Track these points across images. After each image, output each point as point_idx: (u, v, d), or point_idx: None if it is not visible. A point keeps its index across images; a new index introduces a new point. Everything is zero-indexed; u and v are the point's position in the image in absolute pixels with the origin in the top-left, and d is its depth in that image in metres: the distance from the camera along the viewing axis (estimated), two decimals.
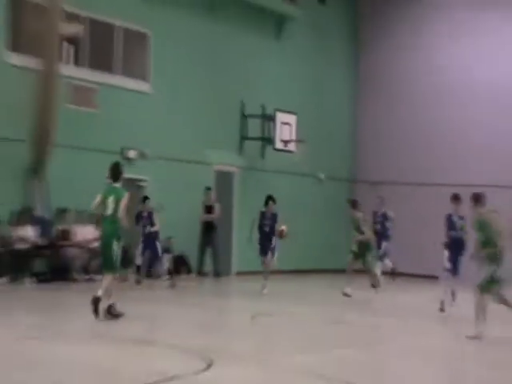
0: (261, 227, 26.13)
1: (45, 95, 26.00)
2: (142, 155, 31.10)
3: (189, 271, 32.03)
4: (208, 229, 31.96)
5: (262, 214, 26.35)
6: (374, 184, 38.82)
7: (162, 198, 30.76)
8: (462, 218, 21.64)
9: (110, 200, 17.65)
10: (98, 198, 18.34)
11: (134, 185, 30.39)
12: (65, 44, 28.21)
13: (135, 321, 18.84)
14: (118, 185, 18.40)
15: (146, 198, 27.58)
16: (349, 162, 41.06)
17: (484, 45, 38.06)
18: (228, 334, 18.10)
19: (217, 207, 31.95)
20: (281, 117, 35.71)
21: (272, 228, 26.02)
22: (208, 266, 32.36)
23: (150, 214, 27.28)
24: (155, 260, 28.00)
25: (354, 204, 26.09)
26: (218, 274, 32.24)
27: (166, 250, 31.46)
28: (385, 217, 26.00)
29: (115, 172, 18.60)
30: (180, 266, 31.94)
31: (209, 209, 31.78)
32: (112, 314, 17.52)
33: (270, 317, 20.34)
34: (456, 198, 21.62)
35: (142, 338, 16.35)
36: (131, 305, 20.65)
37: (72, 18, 28.17)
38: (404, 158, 39.08)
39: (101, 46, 30.75)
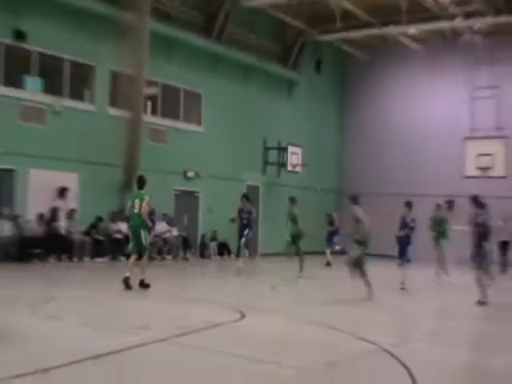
0: (240, 218, 24.05)
1: (132, 135, 26.25)
2: (197, 175, 31.37)
3: (229, 253, 32.28)
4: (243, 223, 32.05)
5: (240, 210, 24.40)
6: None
7: (210, 204, 31.38)
8: (413, 219, 19.89)
9: (137, 202, 17.12)
10: (129, 202, 17.90)
11: (192, 195, 31.01)
12: (146, 101, 28.52)
13: (192, 287, 19.09)
14: (142, 191, 17.46)
15: (245, 197, 25.10)
16: (337, 179, 41.14)
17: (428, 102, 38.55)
18: (255, 297, 17.99)
19: (253, 210, 32.11)
20: (291, 148, 36.26)
21: (248, 220, 24.11)
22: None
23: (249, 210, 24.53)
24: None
25: (293, 201, 23.58)
26: (249, 254, 32.34)
27: (213, 239, 31.85)
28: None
29: (140, 182, 17.76)
30: (223, 249, 32.34)
31: (244, 212, 31.86)
32: (144, 285, 16.98)
33: (285, 286, 20.31)
34: (408, 204, 20.13)
35: (196, 298, 16.39)
36: (187, 277, 20.88)
37: (150, 83, 28.46)
38: (375, 176, 39.23)
39: (170, 102, 31.08)
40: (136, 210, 17.14)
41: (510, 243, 28.56)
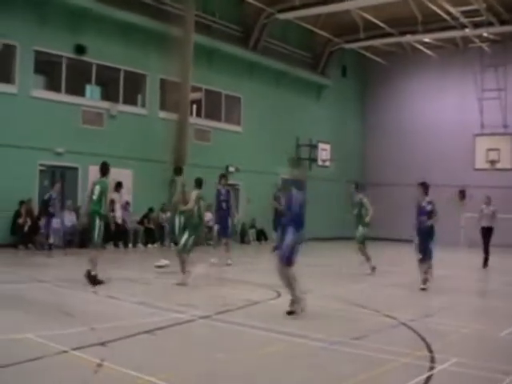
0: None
1: (180, 135, 26.33)
2: (238, 169, 31.43)
3: (266, 239, 32.29)
4: (277, 212, 32.11)
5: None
6: (374, 185, 38.98)
7: (249, 195, 31.39)
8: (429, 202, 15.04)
9: (97, 188, 14.30)
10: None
11: (233, 188, 30.95)
12: (191, 104, 28.58)
13: (232, 269, 19.08)
14: (104, 178, 14.81)
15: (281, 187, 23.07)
16: (360, 171, 40.98)
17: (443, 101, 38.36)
18: None
19: (282, 198, 32.15)
20: (321, 145, 36.15)
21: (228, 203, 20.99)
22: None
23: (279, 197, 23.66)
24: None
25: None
26: None
27: (251, 226, 31.90)
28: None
29: (103, 169, 14.97)
30: (260, 235, 32.36)
31: (278, 199, 31.95)
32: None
33: (314, 267, 20.18)
34: (423, 186, 15.30)
35: (237, 279, 16.50)
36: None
37: (195, 89, 28.51)
38: (394, 168, 39.19)
39: (212, 105, 31.18)
40: (94, 197, 14.67)
41: (493, 230, 22.09)
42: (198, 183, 16.34)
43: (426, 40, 35.85)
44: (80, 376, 6.88)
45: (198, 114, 30.57)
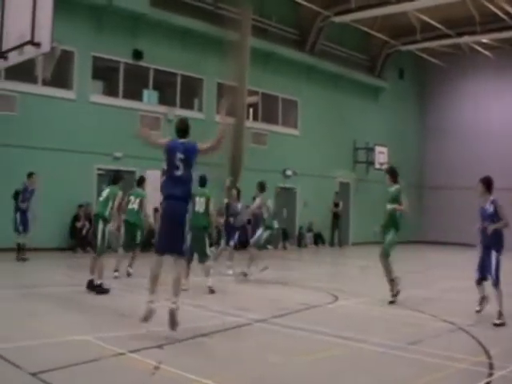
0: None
1: (236, 139, 26.38)
2: (295, 173, 31.41)
3: (323, 243, 32.19)
4: (336, 216, 32.08)
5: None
6: (434, 188, 38.63)
7: (306, 199, 31.35)
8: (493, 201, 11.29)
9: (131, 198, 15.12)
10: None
11: (290, 191, 31.01)
12: (248, 108, 28.64)
13: (290, 273, 19.04)
14: (140, 189, 15.57)
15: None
16: (418, 174, 40.57)
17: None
18: (346, 280, 18.00)
19: (340, 203, 32.08)
20: (378, 148, 35.85)
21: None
22: (335, 239, 32.49)
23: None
24: None
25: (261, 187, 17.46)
26: (341, 244, 32.32)
27: (309, 230, 31.82)
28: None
29: (140, 181, 15.81)
30: (317, 239, 32.26)
31: (336, 204, 31.89)
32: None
33: (373, 268, 20.01)
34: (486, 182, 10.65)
35: (294, 283, 16.44)
36: (285, 264, 20.88)
37: (251, 92, 28.53)
38: (452, 171, 38.62)
39: (269, 108, 31.21)
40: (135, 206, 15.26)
41: None
42: (261, 187, 16.38)
43: (484, 41, 35.33)
44: (137, 378, 6.93)
45: (255, 118, 30.64)
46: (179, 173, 8.99)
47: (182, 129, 9.43)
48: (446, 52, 38.38)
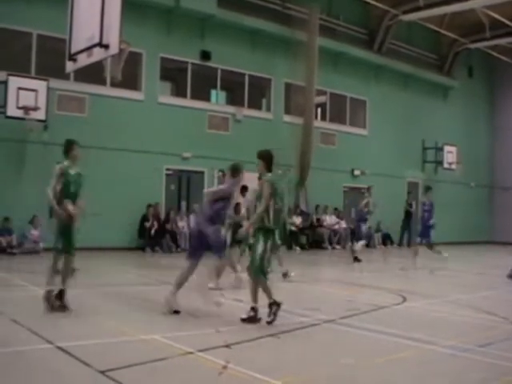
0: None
1: (305, 138, 26.31)
2: (363, 173, 31.17)
3: (392, 243, 31.82)
4: (408, 216, 31.58)
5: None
6: (505, 188, 37.86)
7: (375, 199, 30.94)
8: None
9: None
10: None
11: (359, 191, 30.63)
12: (316, 108, 28.55)
13: (357, 273, 18.85)
14: None
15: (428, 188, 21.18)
16: (488, 174, 39.82)
17: None
18: (415, 281, 17.75)
19: (413, 203, 31.63)
20: (447, 148, 35.26)
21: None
22: (404, 239, 32.02)
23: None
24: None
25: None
26: (409, 244, 31.84)
27: (377, 230, 31.47)
28: None
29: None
30: (386, 239, 31.90)
31: (410, 204, 31.41)
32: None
33: (442, 271, 19.65)
34: None
35: (361, 283, 16.28)
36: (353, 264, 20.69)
37: (320, 92, 28.44)
38: None
39: (337, 108, 31.05)
40: None
41: None
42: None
43: None
44: (205, 377, 6.86)
45: (323, 118, 30.51)
46: None
47: None
48: None
